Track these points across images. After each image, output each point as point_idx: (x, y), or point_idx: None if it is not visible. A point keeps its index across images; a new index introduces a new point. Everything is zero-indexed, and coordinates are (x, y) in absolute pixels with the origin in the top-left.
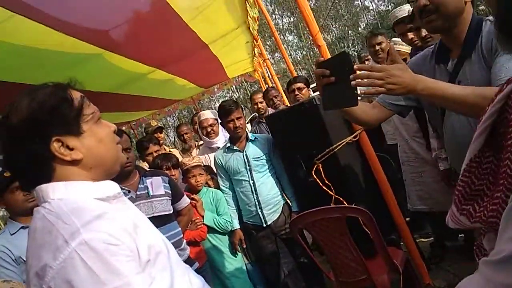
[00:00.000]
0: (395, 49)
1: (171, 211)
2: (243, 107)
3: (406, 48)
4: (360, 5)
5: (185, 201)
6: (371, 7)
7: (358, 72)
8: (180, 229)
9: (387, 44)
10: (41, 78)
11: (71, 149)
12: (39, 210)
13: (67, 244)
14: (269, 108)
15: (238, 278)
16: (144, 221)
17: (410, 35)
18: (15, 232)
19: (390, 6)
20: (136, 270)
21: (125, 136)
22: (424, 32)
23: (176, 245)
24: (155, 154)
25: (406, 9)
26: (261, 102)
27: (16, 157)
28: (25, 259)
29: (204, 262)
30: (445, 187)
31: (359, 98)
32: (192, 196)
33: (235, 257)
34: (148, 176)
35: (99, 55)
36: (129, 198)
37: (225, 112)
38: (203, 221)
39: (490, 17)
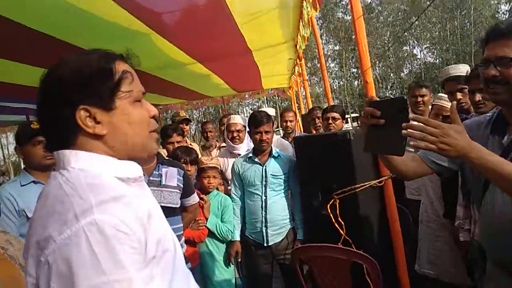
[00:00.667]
0: (440, 104)
1: (178, 205)
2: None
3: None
4: (409, 51)
5: (194, 198)
6: (418, 56)
7: (413, 122)
8: (182, 225)
9: (429, 98)
10: (90, 43)
11: (98, 122)
12: (56, 176)
13: (77, 220)
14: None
15: None
16: (159, 211)
17: (459, 95)
18: (26, 185)
19: (437, 60)
20: (139, 265)
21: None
22: (478, 97)
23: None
24: (176, 145)
25: (461, 69)
26: (291, 121)
27: (45, 114)
28: (27, 214)
29: (195, 265)
30: (458, 258)
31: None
32: (202, 195)
33: (227, 268)
34: (165, 165)
35: (147, 35)
36: None
37: (255, 122)
38: (206, 223)
39: None
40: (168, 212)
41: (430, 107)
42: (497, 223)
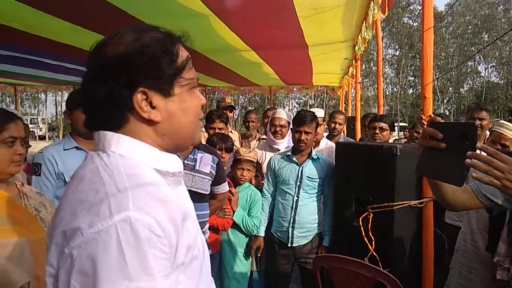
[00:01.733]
0: (500, 131)
1: (208, 192)
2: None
3: (511, 135)
4: (473, 67)
5: (225, 187)
6: (482, 74)
7: (480, 152)
8: (208, 212)
9: (488, 122)
10: (147, 17)
11: (153, 107)
12: (94, 158)
13: (111, 214)
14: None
15: (238, 282)
16: (192, 212)
17: None
18: (68, 149)
19: (502, 80)
20: (166, 271)
21: None
22: None
23: (200, 226)
24: (217, 130)
25: None
26: (340, 124)
27: (95, 89)
28: (65, 178)
29: (216, 252)
30: None
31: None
32: (231, 188)
33: (245, 260)
34: (201, 150)
35: (206, 16)
36: None
37: (298, 121)
38: (233, 216)
39: None
40: (197, 197)
41: (488, 132)
42: None
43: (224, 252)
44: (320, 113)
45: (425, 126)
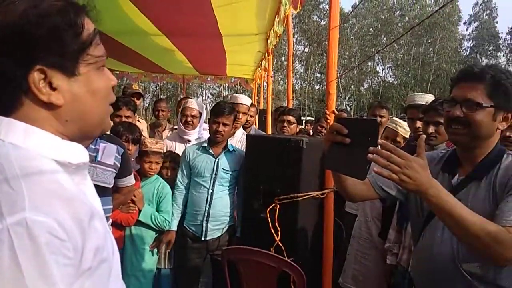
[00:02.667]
0: (392, 128)
1: (111, 185)
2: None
3: (404, 132)
4: (372, 67)
5: (130, 180)
6: (380, 74)
7: (380, 148)
8: (111, 206)
9: (387, 120)
10: None
11: (54, 89)
12: None
13: (2, 217)
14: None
15: (138, 280)
16: (100, 209)
17: (419, 123)
18: None
19: (397, 81)
20: (70, 279)
21: None
22: (431, 129)
23: None
24: (123, 119)
25: (426, 98)
26: (251, 116)
27: None
28: None
29: (119, 249)
30: (382, 278)
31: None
32: (135, 188)
33: (150, 257)
34: (103, 140)
35: None
36: None
37: (215, 112)
38: (139, 215)
39: None
40: (99, 191)
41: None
42: (433, 261)
43: (125, 248)
44: (245, 100)
45: (330, 121)
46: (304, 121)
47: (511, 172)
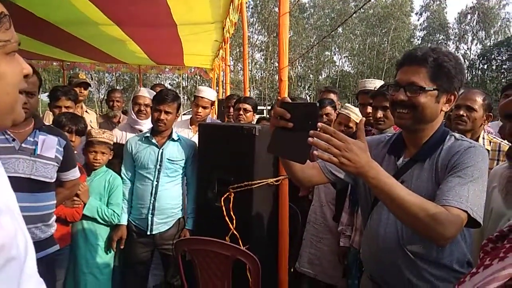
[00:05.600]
0: (344, 113)
1: (53, 180)
2: (187, 98)
3: (356, 117)
4: (329, 56)
5: (74, 174)
6: (337, 63)
7: (320, 131)
8: (54, 202)
9: (336, 104)
10: None
11: None
12: None
13: None
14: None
15: (96, 277)
16: (13, 205)
17: (370, 109)
18: None
19: (353, 70)
20: None
21: (35, 77)
22: (380, 114)
23: (43, 219)
24: (64, 110)
25: (376, 84)
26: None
27: None
28: None
29: (65, 246)
30: (337, 261)
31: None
32: (80, 183)
33: (105, 254)
34: (43, 132)
35: None
36: (9, 147)
37: (157, 99)
38: (84, 210)
39: (456, 134)
40: (39, 187)
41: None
42: (379, 242)
43: (78, 245)
44: (208, 93)
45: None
46: (265, 110)
47: (452, 153)
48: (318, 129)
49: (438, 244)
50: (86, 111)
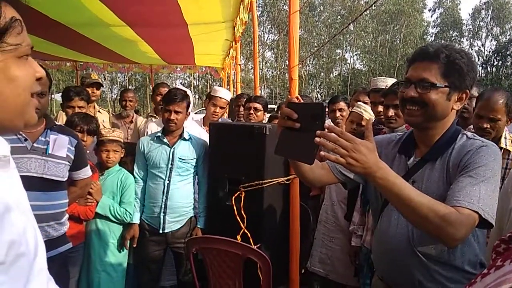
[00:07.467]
0: (357, 112)
1: (65, 179)
2: (198, 97)
3: (368, 116)
4: (341, 55)
5: (86, 172)
6: (349, 61)
7: (327, 131)
8: (67, 200)
9: (347, 112)
10: None
11: None
12: None
13: None
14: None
15: (109, 275)
16: (23, 204)
17: (381, 107)
18: None
19: (365, 68)
20: None
21: (45, 78)
22: (391, 113)
23: (56, 217)
24: (77, 110)
25: (388, 82)
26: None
27: None
28: None
29: (79, 243)
30: (348, 260)
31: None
32: (92, 179)
33: (119, 252)
34: (54, 131)
35: None
36: (21, 147)
37: (167, 99)
38: (97, 208)
39: (468, 132)
40: (52, 186)
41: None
42: (389, 243)
43: (92, 243)
44: (224, 94)
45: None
46: (276, 109)
47: (464, 152)
48: (326, 129)
49: (449, 245)
50: (98, 111)
